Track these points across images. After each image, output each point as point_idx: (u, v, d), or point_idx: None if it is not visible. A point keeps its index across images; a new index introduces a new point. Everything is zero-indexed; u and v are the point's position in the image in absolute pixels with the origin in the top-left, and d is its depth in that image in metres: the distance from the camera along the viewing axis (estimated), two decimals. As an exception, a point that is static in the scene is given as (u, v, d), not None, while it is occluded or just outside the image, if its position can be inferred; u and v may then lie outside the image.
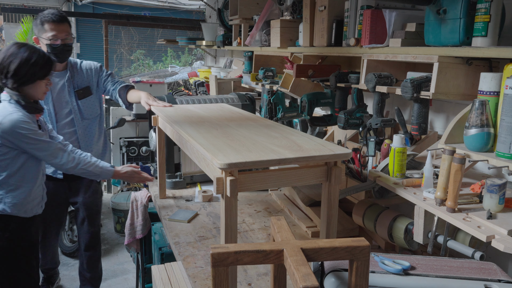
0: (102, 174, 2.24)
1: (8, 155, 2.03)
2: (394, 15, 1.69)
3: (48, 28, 2.37)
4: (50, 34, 2.37)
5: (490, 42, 1.36)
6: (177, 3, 9.57)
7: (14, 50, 2.00)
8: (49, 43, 2.38)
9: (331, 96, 2.29)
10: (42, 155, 2.08)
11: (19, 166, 2.06)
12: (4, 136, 1.97)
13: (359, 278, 0.98)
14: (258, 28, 2.81)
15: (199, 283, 1.57)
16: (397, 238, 1.59)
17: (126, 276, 3.58)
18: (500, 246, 1.13)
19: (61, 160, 2.12)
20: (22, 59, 1.98)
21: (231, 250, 0.95)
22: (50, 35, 2.37)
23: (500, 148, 1.30)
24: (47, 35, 2.38)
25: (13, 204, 2.07)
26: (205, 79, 4.34)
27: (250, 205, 2.30)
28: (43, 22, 2.37)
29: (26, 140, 2.00)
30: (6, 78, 1.99)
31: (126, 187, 4.76)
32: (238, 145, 1.48)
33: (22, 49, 2.00)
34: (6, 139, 1.98)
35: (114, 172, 2.27)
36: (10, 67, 1.97)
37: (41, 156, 2.09)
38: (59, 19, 2.39)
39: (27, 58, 1.99)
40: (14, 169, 2.05)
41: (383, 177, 1.60)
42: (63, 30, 2.41)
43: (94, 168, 2.21)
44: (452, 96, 1.54)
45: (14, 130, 1.97)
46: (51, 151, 2.08)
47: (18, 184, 2.08)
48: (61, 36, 2.40)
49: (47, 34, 2.38)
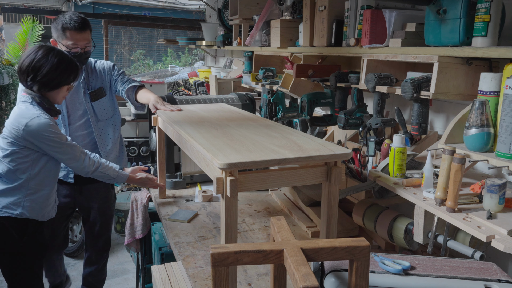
0: (118, 178, 2.22)
1: (28, 158, 2.00)
2: (394, 15, 1.69)
3: (69, 35, 2.26)
4: (70, 42, 2.27)
5: (490, 42, 1.36)
6: (177, 3, 9.56)
7: (44, 54, 1.97)
8: (68, 50, 2.27)
9: (331, 96, 2.29)
10: (65, 158, 2.05)
11: (39, 169, 2.04)
12: (29, 138, 1.95)
13: (359, 278, 0.98)
14: (258, 28, 2.81)
15: (199, 283, 1.57)
16: (397, 238, 1.59)
17: (126, 276, 3.59)
18: (500, 246, 1.13)
19: (83, 163, 2.10)
20: (53, 64, 1.96)
21: (231, 250, 0.95)
22: (70, 43, 2.27)
23: (500, 148, 1.30)
24: (67, 43, 2.27)
25: (32, 207, 2.05)
26: (205, 79, 4.34)
27: (250, 205, 2.30)
28: (64, 29, 2.25)
29: (52, 143, 1.99)
30: (33, 81, 1.98)
31: (126, 187, 4.76)
32: (238, 145, 1.48)
33: (51, 54, 1.98)
34: (30, 141, 1.96)
35: (128, 176, 2.25)
36: (40, 71, 1.95)
37: (64, 159, 2.06)
38: (81, 27, 2.27)
39: (57, 64, 1.98)
40: (34, 172, 2.03)
41: (383, 177, 1.60)
42: (84, 39, 2.30)
43: (112, 172, 2.19)
44: (452, 96, 1.54)
45: (41, 133, 1.95)
46: (74, 154, 2.07)
47: (37, 187, 2.06)
48: (81, 45, 2.30)
49: (67, 42, 2.27)
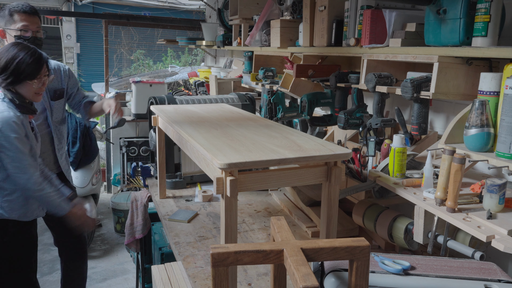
0: (57, 209, 2.03)
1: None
2: (394, 15, 1.69)
3: (18, 18, 2.20)
4: (20, 24, 2.19)
5: (490, 42, 1.36)
6: (177, 3, 9.57)
7: (5, 48, 1.91)
8: (19, 34, 2.20)
9: (331, 96, 2.29)
10: (11, 166, 1.91)
11: None
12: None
13: (359, 278, 0.98)
14: (258, 28, 2.81)
15: (199, 283, 1.57)
16: (397, 238, 1.59)
17: (126, 276, 3.59)
18: (500, 246, 1.13)
19: (29, 179, 1.93)
20: (8, 57, 1.88)
21: (231, 250, 0.95)
22: (21, 25, 2.19)
23: (500, 148, 1.30)
24: (16, 26, 2.20)
25: (11, 208, 2.02)
26: (205, 79, 4.34)
27: (250, 205, 2.30)
28: (12, 13, 2.19)
29: (4, 141, 1.87)
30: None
31: (126, 187, 4.76)
32: (238, 145, 1.48)
33: (13, 47, 1.90)
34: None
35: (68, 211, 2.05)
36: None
37: (9, 167, 1.91)
38: (31, 10, 2.24)
39: (13, 56, 1.88)
40: (6, 173, 1.94)
41: (383, 177, 1.60)
42: (34, 22, 2.24)
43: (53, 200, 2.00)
44: (452, 96, 1.54)
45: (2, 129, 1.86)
46: (23, 164, 1.91)
47: (13, 188, 1.99)
48: (32, 28, 2.23)
49: (17, 24, 2.20)
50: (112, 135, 4.86)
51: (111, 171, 5.12)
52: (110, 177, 5.15)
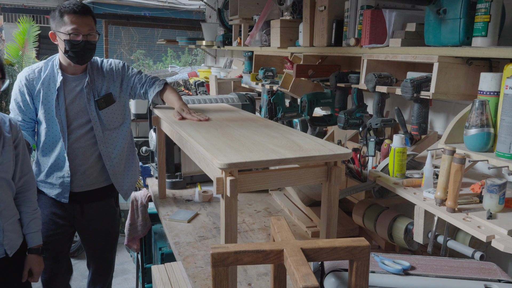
0: None
1: None
2: (394, 15, 1.69)
3: (68, 20, 1.97)
4: (70, 27, 1.97)
5: (490, 42, 1.36)
6: (177, 3, 9.56)
7: None
8: (68, 38, 1.97)
9: (331, 96, 2.29)
10: None
11: None
12: None
13: (359, 278, 0.98)
14: (258, 28, 2.81)
15: (199, 283, 1.57)
16: (397, 238, 1.59)
17: (126, 276, 3.59)
18: (500, 246, 1.13)
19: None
20: None
21: (231, 250, 0.95)
22: (70, 29, 1.97)
23: (500, 148, 1.30)
24: (66, 29, 1.97)
25: None
26: (205, 79, 4.34)
27: (250, 205, 2.30)
28: (62, 13, 1.97)
29: None
30: None
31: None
32: (238, 145, 1.48)
33: None
34: None
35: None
36: None
37: None
38: (82, 10, 1.99)
39: None
40: None
41: (383, 177, 1.60)
42: (86, 24, 2.00)
43: None
44: (452, 96, 1.54)
45: None
46: None
47: None
48: (83, 31, 1.99)
49: (67, 27, 1.97)
50: (112, 135, 4.86)
51: (111, 171, 5.11)
52: (110, 177, 5.14)
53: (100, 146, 2.14)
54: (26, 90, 2.06)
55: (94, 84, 2.13)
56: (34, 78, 2.07)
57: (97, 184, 2.19)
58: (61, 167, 2.09)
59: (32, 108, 2.07)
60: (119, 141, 2.22)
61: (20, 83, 2.08)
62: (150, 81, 2.23)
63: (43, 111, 2.06)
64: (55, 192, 2.12)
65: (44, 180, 2.13)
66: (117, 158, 2.21)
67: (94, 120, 2.11)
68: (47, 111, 2.06)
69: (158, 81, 2.23)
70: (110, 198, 2.30)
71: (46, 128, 2.07)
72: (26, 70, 2.11)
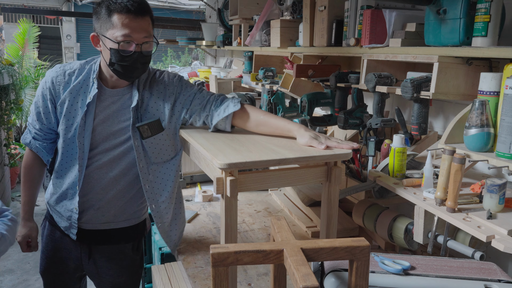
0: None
1: None
2: (394, 15, 1.69)
3: (119, 22, 1.45)
4: (121, 33, 1.46)
5: (490, 42, 1.36)
6: (177, 3, 9.57)
7: None
8: (117, 48, 1.47)
9: (331, 96, 2.29)
10: None
11: None
12: None
13: (359, 278, 0.98)
14: (258, 28, 2.81)
15: (199, 283, 1.57)
16: (397, 238, 1.59)
17: (126, 276, 3.58)
18: (500, 246, 1.13)
19: None
20: None
21: (231, 250, 0.95)
22: (120, 35, 1.46)
23: (500, 148, 1.30)
24: (115, 35, 1.47)
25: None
26: (205, 79, 4.34)
27: (250, 205, 2.30)
28: (111, 11, 1.46)
29: None
30: None
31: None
32: (238, 145, 1.48)
33: None
34: None
35: None
36: None
37: None
38: (139, 8, 1.46)
39: None
40: None
41: (383, 177, 1.60)
42: (142, 29, 1.49)
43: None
44: (452, 96, 1.54)
45: None
46: None
47: None
48: (137, 38, 1.48)
49: (116, 32, 1.46)
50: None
51: (111, 171, 5.11)
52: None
53: (145, 185, 1.65)
54: (49, 96, 1.62)
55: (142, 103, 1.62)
56: (62, 83, 1.61)
57: (111, 224, 1.73)
58: (71, 198, 1.67)
59: (53, 118, 1.64)
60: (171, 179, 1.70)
61: (45, 84, 1.63)
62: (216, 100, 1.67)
63: (63, 127, 1.61)
64: (62, 224, 1.73)
65: (54, 206, 1.73)
66: (166, 202, 1.71)
67: (139, 152, 1.62)
68: (69, 128, 1.61)
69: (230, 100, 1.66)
70: (128, 243, 1.79)
71: (64, 147, 1.63)
72: (56, 69, 1.65)
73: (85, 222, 1.70)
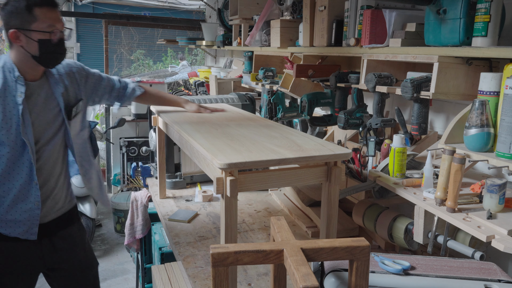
0: None
1: None
2: (394, 15, 1.69)
3: (41, 15, 1.56)
4: (46, 24, 1.57)
5: (490, 42, 1.36)
6: (177, 3, 9.57)
7: None
8: (48, 37, 1.59)
9: (331, 96, 2.29)
10: None
11: None
12: None
13: (359, 278, 0.98)
14: (258, 28, 2.81)
15: (199, 283, 1.57)
16: (397, 238, 1.59)
17: (126, 276, 3.59)
18: (500, 246, 1.13)
19: None
20: None
21: (231, 250, 0.95)
22: (46, 26, 1.57)
23: (500, 148, 1.30)
24: (40, 26, 1.56)
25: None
26: (205, 79, 4.35)
27: (250, 205, 2.30)
28: (30, 6, 1.55)
29: None
30: None
31: (126, 187, 4.76)
32: (238, 145, 1.48)
33: None
34: None
35: None
36: None
37: None
38: (52, 1, 1.62)
39: None
40: None
41: (383, 177, 1.60)
42: (59, 18, 1.64)
43: None
44: (452, 96, 1.54)
45: None
46: None
47: None
48: (60, 27, 1.62)
49: (41, 24, 1.56)
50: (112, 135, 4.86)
51: (111, 171, 5.12)
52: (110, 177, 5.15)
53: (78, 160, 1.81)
54: None
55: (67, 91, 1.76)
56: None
57: (64, 208, 1.81)
58: (26, 197, 1.66)
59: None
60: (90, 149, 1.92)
61: None
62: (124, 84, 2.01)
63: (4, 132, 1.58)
64: (19, 230, 1.67)
65: (5, 216, 1.65)
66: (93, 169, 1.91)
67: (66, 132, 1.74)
68: (9, 131, 1.59)
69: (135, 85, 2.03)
70: (79, 221, 1.92)
71: (9, 151, 1.61)
72: None
73: (43, 215, 1.73)
